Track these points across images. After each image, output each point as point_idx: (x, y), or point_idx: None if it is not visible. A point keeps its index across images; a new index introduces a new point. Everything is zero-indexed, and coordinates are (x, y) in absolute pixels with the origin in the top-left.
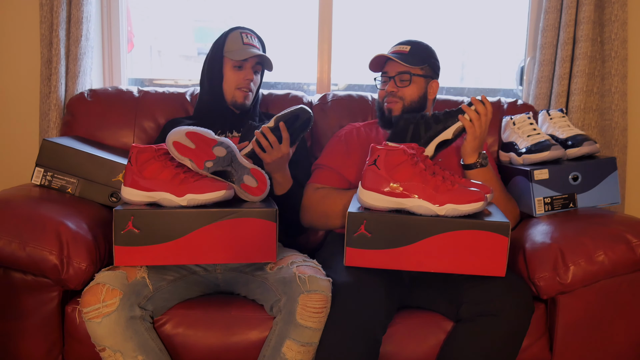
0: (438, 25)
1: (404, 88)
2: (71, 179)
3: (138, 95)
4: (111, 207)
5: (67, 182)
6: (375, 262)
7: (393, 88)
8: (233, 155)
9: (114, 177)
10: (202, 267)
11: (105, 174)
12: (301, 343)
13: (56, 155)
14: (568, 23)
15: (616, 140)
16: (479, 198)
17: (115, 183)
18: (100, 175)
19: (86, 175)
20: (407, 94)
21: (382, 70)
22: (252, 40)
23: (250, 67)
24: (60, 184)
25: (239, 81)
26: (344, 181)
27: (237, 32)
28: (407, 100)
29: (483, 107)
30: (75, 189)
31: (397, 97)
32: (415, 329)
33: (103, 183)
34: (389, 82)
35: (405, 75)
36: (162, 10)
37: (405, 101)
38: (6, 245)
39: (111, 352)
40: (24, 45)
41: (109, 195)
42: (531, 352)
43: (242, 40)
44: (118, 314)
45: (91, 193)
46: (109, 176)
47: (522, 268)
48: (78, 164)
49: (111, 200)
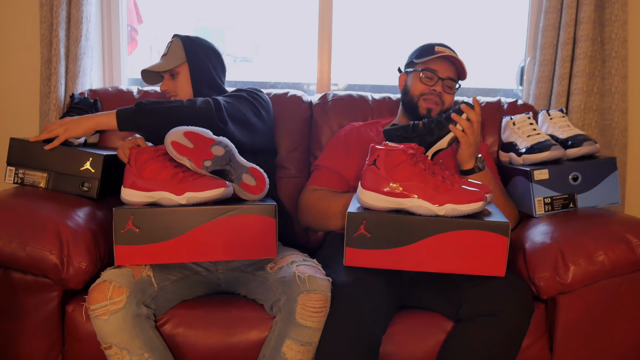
0: (438, 25)
1: (448, 95)
2: (42, 173)
3: (138, 96)
4: (83, 195)
5: (38, 178)
6: (374, 262)
7: (441, 89)
8: (231, 154)
9: (81, 167)
10: (204, 267)
11: (73, 165)
12: (301, 343)
13: (24, 152)
14: (568, 23)
15: (616, 140)
16: (479, 198)
17: (84, 172)
18: (68, 167)
19: (55, 169)
20: (448, 101)
21: (429, 67)
22: (166, 48)
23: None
24: (32, 180)
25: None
26: (343, 182)
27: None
28: (445, 106)
29: (474, 114)
30: (47, 183)
31: (441, 99)
32: (415, 329)
33: (72, 174)
34: (437, 82)
35: (453, 82)
36: (162, 10)
37: (444, 107)
38: (6, 245)
39: (118, 350)
40: (24, 45)
41: (80, 185)
42: (531, 352)
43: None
44: (125, 311)
45: (63, 185)
46: (77, 166)
47: (522, 268)
48: (46, 159)
49: (82, 189)
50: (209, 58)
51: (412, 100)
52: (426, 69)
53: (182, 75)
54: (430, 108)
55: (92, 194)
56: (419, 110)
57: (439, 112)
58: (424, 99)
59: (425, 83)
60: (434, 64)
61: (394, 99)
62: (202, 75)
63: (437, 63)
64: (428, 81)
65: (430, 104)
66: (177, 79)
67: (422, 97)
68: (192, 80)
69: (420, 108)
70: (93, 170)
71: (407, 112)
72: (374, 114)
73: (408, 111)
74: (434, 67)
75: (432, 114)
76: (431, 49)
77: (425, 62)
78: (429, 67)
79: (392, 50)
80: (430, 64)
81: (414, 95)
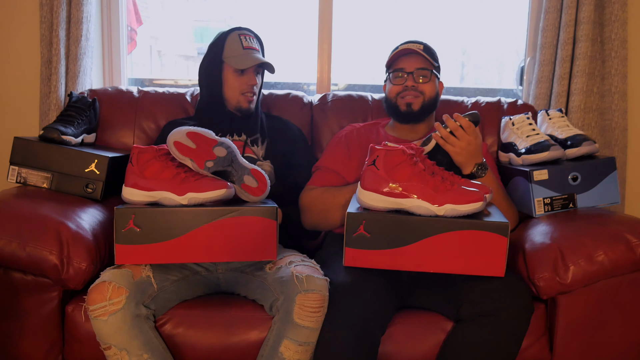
0: (438, 25)
1: (425, 84)
2: (45, 174)
3: (138, 96)
4: (87, 197)
5: (42, 178)
6: (374, 262)
7: (413, 83)
8: (233, 155)
9: (86, 168)
10: (204, 267)
11: (78, 166)
12: (299, 342)
13: (28, 152)
14: (568, 23)
15: (616, 140)
16: (478, 198)
17: (88, 173)
18: (73, 168)
19: (59, 169)
20: (427, 90)
21: (396, 68)
22: (252, 42)
23: (252, 72)
24: (35, 180)
25: (242, 87)
26: (344, 183)
27: (235, 35)
28: (427, 95)
29: (453, 123)
30: (51, 183)
31: (417, 91)
32: (415, 329)
33: (77, 175)
34: (408, 78)
35: (425, 71)
36: (162, 10)
37: (425, 96)
38: (6, 245)
39: (117, 351)
40: (24, 45)
41: (84, 186)
42: (531, 352)
43: (242, 44)
44: (124, 312)
45: (66, 186)
46: (81, 167)
47: (521, 268)
48: (50, 159)
49: (86, 190)
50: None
51: (391, 102)
52: (394, 70)
53: (259, 78)
54: (408, 102)
55: (96, 195)
56: (399, 109)
57: (420, 103)
58: (401, 97)
59: (396, 83)
60: (400, 62)
61: None
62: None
63: (402, 61)
64: (398, 80)
65: (408, 99)
66: (257, 79)
67: (399, 96)
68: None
69: (400, 106)
70: (98, 172)
71: (391, 114)
72: (374, 114)
73: (391, 114)
74: (400, 66)
75: (414, 108)
76: (395, 50)
77: (391, 64)
78: (397, 67)
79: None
80: (397, 64)
81: (391, 97)
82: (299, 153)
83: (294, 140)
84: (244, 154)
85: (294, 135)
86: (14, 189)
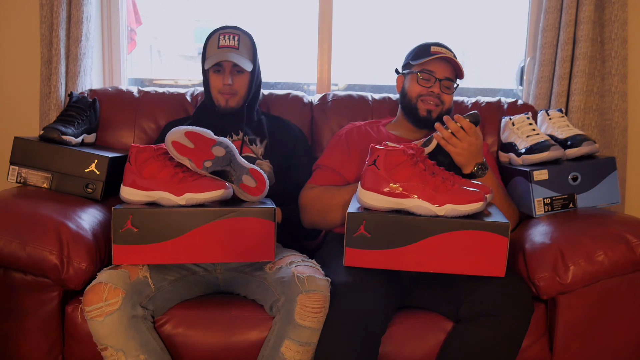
0: (438, 25)
1: (447, 95)
2: (45, 174)
3: (138, 96)
4: (87, 197)
5: (42, 178)
6: (374, 262)
7: (439, 91)
8: (232, 155)
9: (86, 168)
10: (203, 267)
11: (78, 166)
12: (300, 343)
13: (28, 152)
14: (568, 23)
15: (616, 140)
16: (479, 198)
17: (88, 174)
18: (72, 168)
19: (59, 169)
20: (447, 101)
21: (426, 69)
22: (230, 41)
23: (228, 71)
24: (35, 180)
25: (219, 86)
26: (344, 181)
27: (215, 35)
28: (446, 106)
29: (453, 125)
30: (51, 183)
31: (439, 100)
32: (415, 329)
33: (77, 175)
34: (435, 83)
35: (451, 82)
36: (162, 10)
37: (444, 107)
38: (6, 245)
39: (113, 352)
40: (24, 45)
41: (84, 186)
42: (531, 352)
43: (218, 43)
44: (120, 313)
45: (66, 186)
46: (81, 167)
47: (522, 268)
48: (50, 159)
49: (87, 191)
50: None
51: (411, 102)
52: (423, 71)
53: (245, 76)
54: (429, 109)
55: (96, 195)
56: (418, 112)
57: (439, 112)
58: (422, 100)
59: (422, 85)
60: (431, 65)
61: (393, 99)
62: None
63: (433, 64)
64: (425, 83)
65: (430, 105)
66: (239, 78)
67: (420, 99)
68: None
69: (419, 110)
70: (98, 172)
71: (407, 114)
72: (374, 114)
73: (407, 113)
74: (430, 68)
75: (433, 115)
76: (427, 49)
77: (422, 63)
78: (426, 68)
79: (392, 50)
80: (427, 65)
81: (412, 97)
82: (300, 153)
83: (294, 140)
84: (242, 152)
85: (295, 135)
86: (14, 189)
